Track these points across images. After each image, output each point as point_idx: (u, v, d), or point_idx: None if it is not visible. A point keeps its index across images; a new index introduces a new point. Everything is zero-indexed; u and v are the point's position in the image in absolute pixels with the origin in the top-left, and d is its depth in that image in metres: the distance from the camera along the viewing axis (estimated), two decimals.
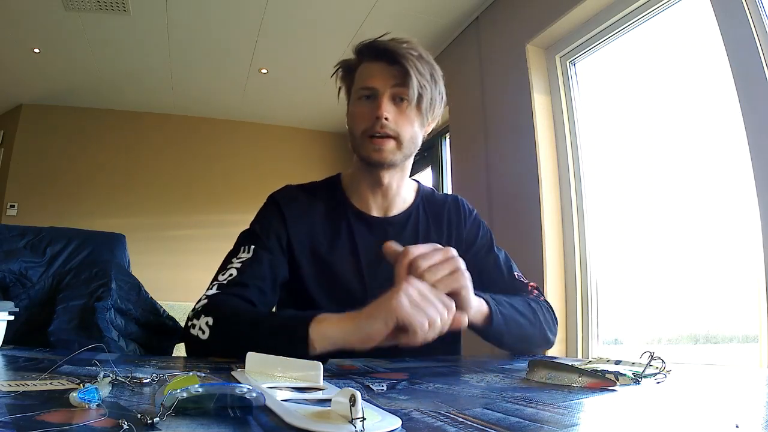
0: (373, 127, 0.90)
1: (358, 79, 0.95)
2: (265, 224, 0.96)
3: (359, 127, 0.92)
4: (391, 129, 0.90)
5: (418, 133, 0.95)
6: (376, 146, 0.90)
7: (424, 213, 1.03)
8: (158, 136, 4.40)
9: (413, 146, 0.95)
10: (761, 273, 1.49)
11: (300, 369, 0.52)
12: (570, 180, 2.31)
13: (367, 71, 0.93)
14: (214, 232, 4.28)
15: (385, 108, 0.89)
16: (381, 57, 0.91)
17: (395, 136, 0.90)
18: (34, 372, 0.52)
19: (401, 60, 0.89)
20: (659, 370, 0.60)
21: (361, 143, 0.92)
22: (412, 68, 0.88)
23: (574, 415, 0.41)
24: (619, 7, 2.06)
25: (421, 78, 0.89)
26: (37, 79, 3.77)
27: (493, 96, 2.71)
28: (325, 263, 0.95)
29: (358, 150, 0.94)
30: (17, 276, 1.23)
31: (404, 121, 0.91)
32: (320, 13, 2.94)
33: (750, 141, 1.56)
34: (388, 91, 0.90)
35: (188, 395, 0.36)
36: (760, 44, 1.54)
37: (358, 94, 0.93)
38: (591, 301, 2.20)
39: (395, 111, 0.90)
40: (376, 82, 0.91)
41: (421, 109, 0.92)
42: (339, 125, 4.63)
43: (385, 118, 0.88)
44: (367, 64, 0.94)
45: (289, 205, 0.97)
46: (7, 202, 3.93)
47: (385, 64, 0.90)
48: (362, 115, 0.92)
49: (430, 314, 0.63)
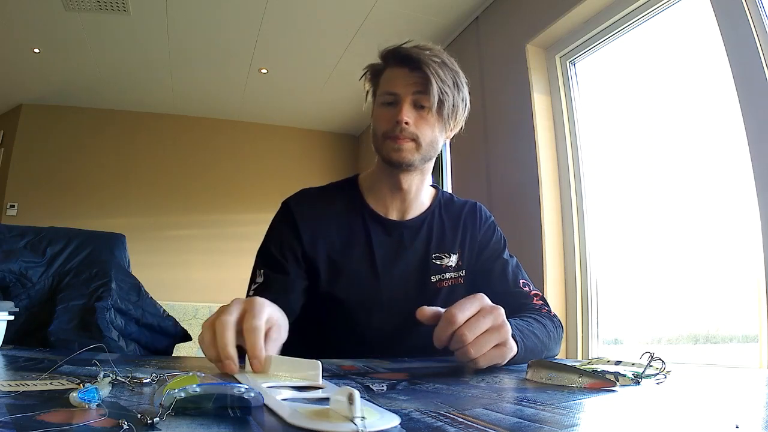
0: (393, 130, 0.92)
1: (382, 84, 0.98)
2: (278, 239, 0.98)
3: (380, 129, 0.95)
4: (411, 133, 0.92)
5: (439, 138, 0.97)
6: (396, 146, 0.93)
7: (440, 217, 1.04)
8: (158, 136, 4.40)
9: (433, 150, 0.97)
10: (761, 273, 1.49)
11: (299, 368, 0.52)
12: (570, 180, 2.31)
13: (390, 76, 0.96)
14: (214, 232, 4.29)
15: (406, 113, 0.91)
16: (404, 63, 0.94)
17: (414, 138, 0.93)
18: (34, 372, 0.52)
19: (423, 67, 0.91)
20: (659, 371, 0.60)
21: (382, 143, 0.95)
22: (433, 75, 0.91)
23: (574, 416, 0.41)
24: (619, 7, 2.06)
25: (442, 85, 0.91)
26: (37, 79, 3.77)
27: (493, 96, 2.70)
28: (340, 265, 0.97)
29: (379, 150, 0.97)
30: (17, 276, 1.23)
31: (424, 126, 0.93)
32: (320, 13, 2.93)
33: (750, 141, 1.56)
34: (410, 97, 0.92)
35: (187, 395, 0.36)
36: (760, 44, 1.54)
37: (382, 98, 0.96)
38: (591, 301, 2.20)
39: (416, 116, 0.93)
40: (398, 87, 0.94)
41: (442, 115, 0.94)
42: (339, 125, 4.64)
43: (405, 122, 0.91)
44: (391, 70, 0.97)
45: (303, 212, 0.99)
46: (7, 202, 3.93)
47: (407, 70, 0.93)
48: (384, 118, 0.95)
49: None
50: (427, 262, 1.00)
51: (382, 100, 0.96)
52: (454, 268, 1.01)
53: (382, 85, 0.97)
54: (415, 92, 0.92)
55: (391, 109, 0.94)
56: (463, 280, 1.01)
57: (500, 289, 0.97)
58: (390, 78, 0.96)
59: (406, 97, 0.92)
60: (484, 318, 0.63)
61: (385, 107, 0.95)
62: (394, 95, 0.94)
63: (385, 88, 0.96)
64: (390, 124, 0.93)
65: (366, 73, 1.03)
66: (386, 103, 0.95)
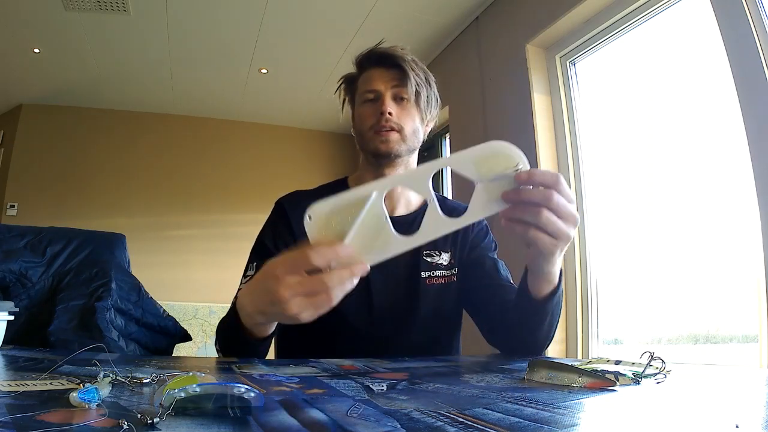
0: (378, 122, 0.98)
1: (360, 86, 1.03)
2: (272, 233, 1.02)
3: (366, 124, 1.00)
4: (395, 123, 0.98)
5: (419, 128, 1.02)
6: (383, 137, 0.98)
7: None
8: (158, 136, 4.40)
9: (416, 140, 1.02)
10: (761, 273, 1.49)
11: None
12: (570, 180, 2.31)
13: (368, 77, 1.02)
14: (214, 232, 4.29)
15: (389, 105, 0.98)
16: (380, 62, 1.01)
17: (399, 129, 0.98)
18: (34, 372, 0.52)
19: (399, 62, 0.99)
20: (659, 371, 0.60)
21: (369, 138, 0.99)
22: (409, 69, 0.98)
23: (574, 416, 0.41)
24: (619, 7, 2.06)
25: (417, 77, 0.99)
26: (37, 79, 3.77)
27: (493, 96, 2.71)
28: None
29: (366, 146, 1.01)
30: (17, 276, 1.24)
31: (406, 116, 0.99)
32: (320, 13, 2.94)
33: (750, 141, 1.56)
34: (390, 91, 0.99)
35: (187, 395, 0.36)
36: (760, 44, 1.54)
37: (363, 97, 1.02)
38: (591, 301, 2.20)
39: (397, 108, 0.99)
40: (377, 84, 1.00)
41: (419, 105, 1.00)
42: (339, 125, 4.62)
43: (389, 113, 0.97)
44: (366, 72, 1.03)
45: (295, 210, 1.00)
46: (7, 202, 3.93)
47: (384, 68, 1.00)
48: (368, 113, 1.00)
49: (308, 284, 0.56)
50: (417, 258, 1.00)
51: (363, 99, 1.01)
52: (446, 266, 1.02)
53: (361, 86, 1.03)
54: (393, 86, 0.99)
55: (372, 104, 0.99)
56: (456, 278, 1.02)
57: (491, 281, 0.99)
58: (368, 78, 1.01)
59: (387, 91, 0.99)
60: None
61: (367, 104, 1.00)
62: (375, 92, 0.99)
63: (364, 88, 1.01)
64: (374, 118, 0.98)
65: (341, 85, 1.09)
66: (367, 101, 1.00)
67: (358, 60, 1.05)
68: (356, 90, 1.05)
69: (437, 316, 1.00)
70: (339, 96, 1.11)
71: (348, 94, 1.09)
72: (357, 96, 1.04)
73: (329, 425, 0.36)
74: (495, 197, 0.61)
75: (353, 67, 1.07)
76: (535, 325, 0.84)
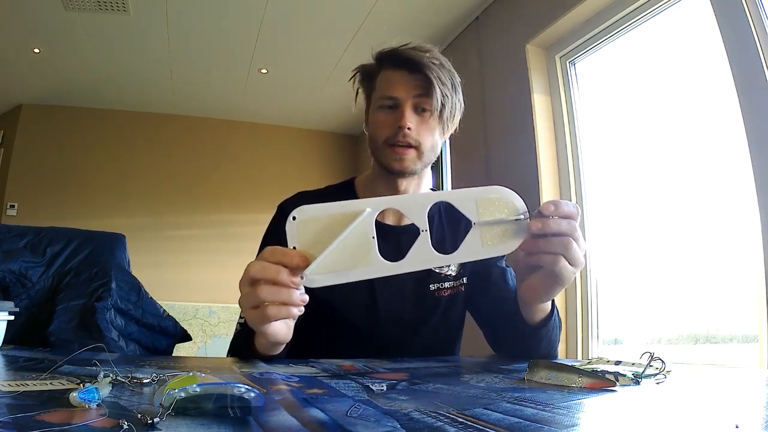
0: (395, 136, 0.89)
1: (379, 87, 0.94)
2: (276, 238, 0.97)
3: (381, 136, 0.92)
4: (413, 138, 0.89)
5: (438, 142, 0.95)
6: (398, 155, 0.90)
7: (440, 222, 1.01)
8: (158, 136, 4.40)
9: (433, 155, 0.94)
10: (761, 273, 1.49)
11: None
12: (570, 180, 2.31)
13: (388, 79, 0.92)
14: (214, 232, 4.29)
15: (408, 118, 0.89)
16: (402, 65, 0.90)
17: (416, 145, 0.90)
18: (34, 372, 0.52)
19: (424, 69, 0.88)
20: (659, 371, 0.60)
21: (383, 151, 0.92)
22: (435, 78, 0.88)
23: (574, 416, 0.41)
24: (619, 7, 2.06)
25: (443, 87, 0.89)
26: (37, 79, 3.77)
27: (493, 96, 2.70)
28: None
29: (379, 158, 0.94)
30: (17, 276, 1.24)
31: (426, 131, 0.91)
32: (320, 13, 2.94)
33: (750, 141, 1.56)
34: (411, 101, 0.89)
35: (187, 395, 0.36)
36: (760, 44, 1.54)
37: (380, 102, 0.93)
38: (591, 301, 2.20)
39: (417, 120, 0.90)
40: (398, 91, 0.90)
41: (442, 118, 0.91)
42: (339, 125, 4.64)
43: (407, 128, 0.88)
44: (387, 72, 0.93)
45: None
46: (7, 202, 3.93)
47: (406, 72, 0.90)
48: (384, 123, 0.91)
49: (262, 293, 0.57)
50: (426, 269, 0.99)
51: (380, 104, 0.93)
52: (454, 276, 0.98)
53: (379, 88, 0.94)
54: (416, 95, 0.89)
55: (391, 113, 0.90)
56: (464, 288, 0.99)
57: (499, 293, 0.95)
58: (388, 81, 0.92)
59: (407, 101, 0.89)
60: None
61: (385, 111, 0.92)
62: (394, 99, 0.90)
63: (383, 92, 0.92)
64: (391, 130, 0.90)
65: (356, 74, 0.99)
66: (385, 107, 0.91)
67: (378, 55, 0.94)
68: (374, 89, 0.96)
69: (444, 326, 0.98)
70: (353, 84, 1.00)
71: (364, 89, 0.99)
72: (374, 96, 0.95)
73: (329, 425, 0.36)
74: (491, 242, 0.60)
75: (369, 61, 0.97)
76: (534, 345, 0.83)
